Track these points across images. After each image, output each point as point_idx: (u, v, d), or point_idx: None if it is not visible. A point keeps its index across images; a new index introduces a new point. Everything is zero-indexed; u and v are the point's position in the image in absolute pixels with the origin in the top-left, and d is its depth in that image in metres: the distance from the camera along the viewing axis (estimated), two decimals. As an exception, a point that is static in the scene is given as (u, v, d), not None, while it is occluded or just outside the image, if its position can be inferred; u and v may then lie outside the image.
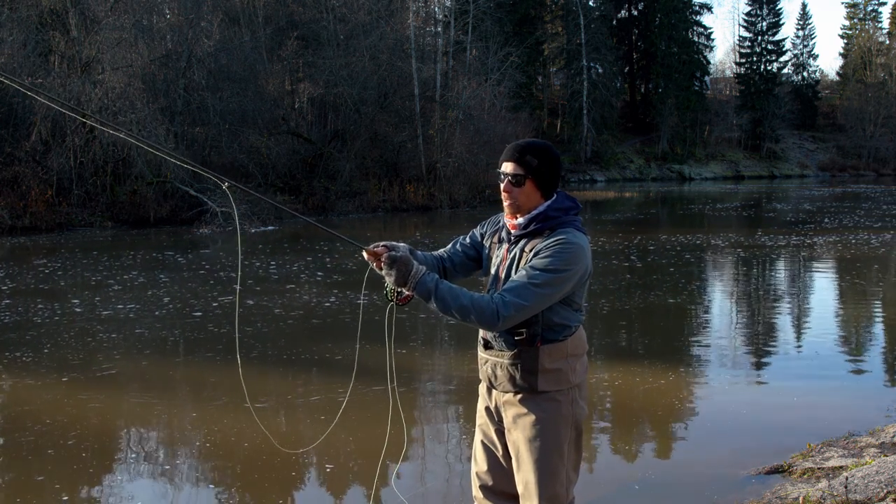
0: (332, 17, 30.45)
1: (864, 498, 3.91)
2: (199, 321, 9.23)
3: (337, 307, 10.00)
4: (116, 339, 8.49)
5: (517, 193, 2.68)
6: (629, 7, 61.97)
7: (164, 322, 9.26)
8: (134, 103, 22.02)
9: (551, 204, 2.70)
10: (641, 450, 5.35)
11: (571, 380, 2.68)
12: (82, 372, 7.16)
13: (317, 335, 8.64)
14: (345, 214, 25.96)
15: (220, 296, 10.84)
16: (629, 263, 13.98)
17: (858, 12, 69.83)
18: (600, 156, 54.15)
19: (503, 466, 2.78)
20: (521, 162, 2.67)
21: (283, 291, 11.25)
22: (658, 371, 7.04)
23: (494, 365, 2.73)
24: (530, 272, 2.55)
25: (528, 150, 2.68)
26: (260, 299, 10.52)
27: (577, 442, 2.73)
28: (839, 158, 62.83)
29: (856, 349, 8.16)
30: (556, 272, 2.55)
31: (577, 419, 2.71)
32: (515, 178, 2.67)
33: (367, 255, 2.68)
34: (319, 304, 10.21)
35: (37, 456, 5.20)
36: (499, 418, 2.78)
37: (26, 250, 16.63)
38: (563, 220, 2.67)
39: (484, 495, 2.82)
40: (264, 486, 4.74)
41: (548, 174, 2.69)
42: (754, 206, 30.33)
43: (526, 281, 2.54)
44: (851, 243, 16.68)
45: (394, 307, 2.78)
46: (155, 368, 7.40)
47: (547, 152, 2.71)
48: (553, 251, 2.57)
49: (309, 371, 7.30)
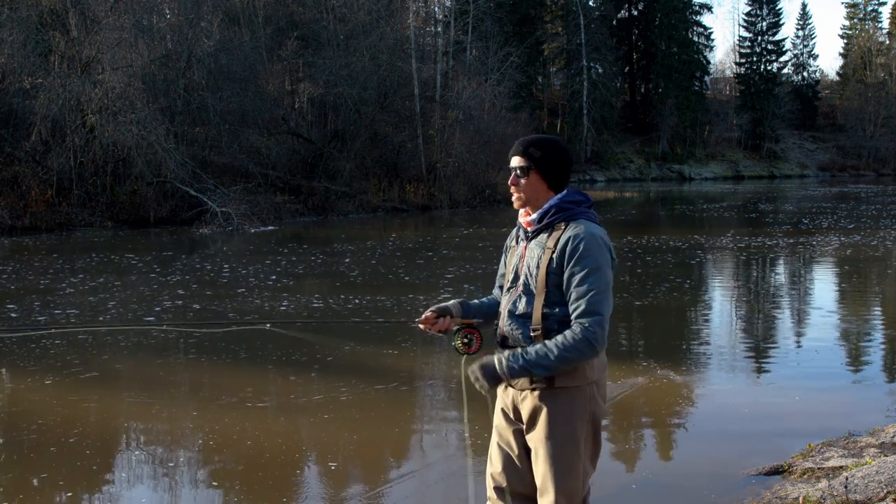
0: (332, 17, 30.45)
1: (864, 498, 3.91)
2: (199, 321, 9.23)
3: (337, 306, 10.00)
4: (117, 338, 8.49)
5: (523, 185, 2.74)
6: (629, 7, 61.97)
7: (164, 320, 9.25)
8: (134, 103, 22.02)
9: (563, 197, 2.74)
10: (641, 450, 5.35)
11: (588, 375, 2.69)
12: (83, 371, 7.16)
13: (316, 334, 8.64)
14: (345, 214, 25.96)
15: (221, 296, 10.84)
16: (629, 263, 13.97)
17: (858, 12, 69.85)
18: (600, 156, 54.16)
19: (518, 467, 2.79)
20: (526, 154, 2.74)
21: (284, 291, 11.26)
22: (658, 371, 7.04)
23: None
24: (580, 288, 2.59)
25: (532, 143, 2.76)
26: (260, 299, 10.52)
27: (594, 437, 2.75)
28: (839, 158, 62.84)
29: (856, 349, 8.16)
30: (598, 270, 2.59)
31: (594, 415, 2.72)
32: (520, 169, 2.74)
33: (422, 326, 2.86)
34: (320, 304, 10.21)
35: (39, 454, 5.21)
36: (516, 417, 2.79)
37: (26, 250, 16.63)
38: (576, 212, 2.70)
39: (498, 496, 2.83)
40: (266, 485, 4.73)
41: (552, 166, 2.74)
42: (754, 206, 30.33)
43: (585, 297, 2.58)
44: (851, 243, 16.69)
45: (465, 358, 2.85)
46: (156, 368, 7.39)
47: (551, 145, 2.77)
48: (580, 254, 2.60)
49: (309, 371, 7.30)
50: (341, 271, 13.38)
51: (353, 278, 12.60)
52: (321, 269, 13.64)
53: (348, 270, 13.44)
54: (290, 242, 18.30)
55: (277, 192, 25.46)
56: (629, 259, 14.56)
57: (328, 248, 16.71)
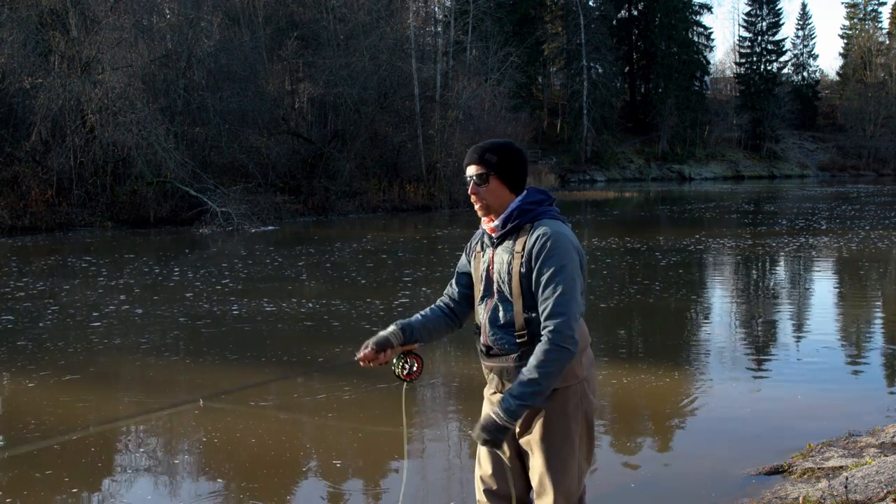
0: (332, 17, 30.45)
1: (864, 498, 3.92)
2: (201, 321, 9.24)
3: (337, 307, 10.01)
4: (117, 338, 8.50)
5: (484, 192, 2.71)
6: (629, 7, 62.00)
7: (164, 321, 9.26)
8: (134, 103, 22.03)
9: (523, 199, 2.72)
10: (641, 449, 5.35)
11: (578, 374, 2.69)
12: (83, 371, 7.17)
13: (318, 335, 8.65)
14: (345, 214, 25.97)
15: (221, 296, 10.84)
16: (629, 263, 13.98)
17: (858, 12, 69.89)
18: (600, 156, 54.18)
19: (506, 470, 2.78)
20: (482, 161, 2.71)
21: (284, 291, 11.26)
22: (658, 371, 7.04)
23: (501, 371, 2.73)
24: (548, 289, 2.57)
25: (487, 149, 2.73)
26: (261, 300, 10.53)
27: (588, 434, 2.76)
28: (839, 158, 62.87)
29: (856, 349, 8.17)
30: (563, 269, 2.57)
31: (587, 412, 2.73)
32: (479, 177, 2.71)
33: (362, 363, 2.83)
34: (320, 304, 10.22)
35: (42, 451, 5.21)
36: None
37: (26, 250, 16.64)
38: (538, 212, 2.69)
39: (487, 499, 2.83)
40: (271, 482, 4.74)
41: (510, 169, 2.72)
42: (754, 206, 30.33)
43: (552, 297, 2.56)
44: (851, 243, 16.69)
45: (404, 384, 2.88)
46: (156, 367, 7.40)
47: (506, 148, 2.74)
48: (546, 254, 2.58)
49: (311, 370, 7.31)
50: (341, 270, 13.38)
51: (352, 278, 12.61)
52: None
53: (348, 270, 13.44)
54: (290, 243, 18.31)
55: (277, 192, 25.47)
56: (629, 259, 14.56)
57: (329, 248, 16.70)
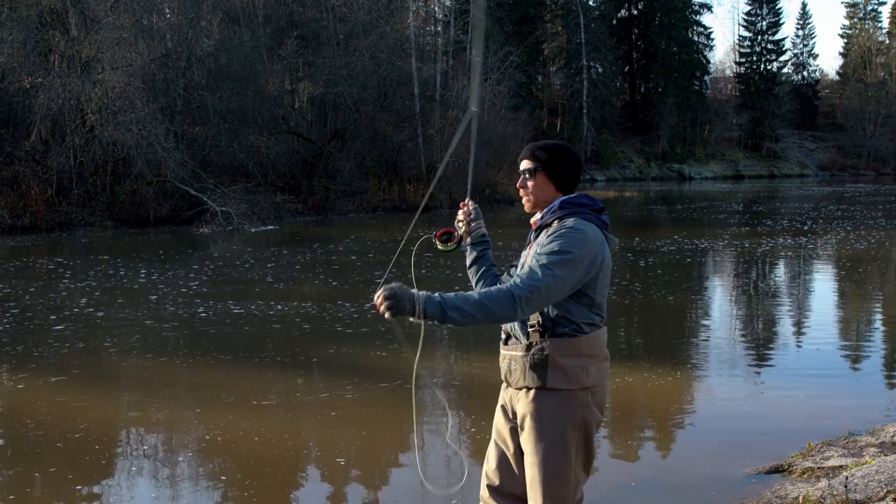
0: (331, 16, 30.44)
1: (864, 497, 3.92)
2: (200, 321, 9.24)
3: (336, 307, 10.01)
4: (117, 338, 8.50)
5: (531, 186, 2.81)
6: (629, 7, 61.99)
7: (165, 321, 9.26)
8: (134, 103, 22.02)
9: (568, 198, 2.78)
10: (641, 449, 5.36)
11: (582, 381, 2.66)
12: (83, 371, 7.17)
13: (318, 335, 8.65)
14: (345, 214, 25.97)
15: (221, 296, 10.85)
16: (629, 263, 13.98)
17: (858, 12, 69.86)
18: (600, 155, 54.19)
19: (511, 466, 2.79)
20: (532, 156, 2.82)
21: (285, 291, 11.26)
22: (658, 371, 7.05)
23: (510, 360, 2.75)
24: (538, 257, 2.60)
25: (539, 146, 2.84)
26: (261, 299, 10.53)
27: (585, 444, 2.71)
28: (839, 158, 62.87)
29: (856, 348, 8.17)
30: (562, 254, 2.57)
31: (586, 422, 2.69)
32: (528, 171, 2.81)
33: (461, 213, 3.01)
34: (321, 305, 10.22)
35: (44, 450, 5.22)
36: (513, 415, 2.79)
37: (26, 250, 16.64)
38: (574, 212, 2.72)
39: (490, 494, 2.83)
40: (275, 480, 4.74)
41: (558, 167, 2.79)
42: (754, 206, 30.33)
43: (534, 263, 2.58)
44: (851, 242, 16.69)
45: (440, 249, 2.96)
46: (157, 367, 7.40)
47: (558, 147, 2.83)
48: (556, 235, 2.63)
49: (312, 369, 7.31)
50: (341, 270, 13.38)
51: (351, 278, 12.61)
52: (321, 270, 13.65)
53: (348, 270, 13.44)
54: (290, 242, 18.31)
55: (277, 192, 25.46)
56: (629, 258, 14.56)
57: (329, 248, 16.70)
